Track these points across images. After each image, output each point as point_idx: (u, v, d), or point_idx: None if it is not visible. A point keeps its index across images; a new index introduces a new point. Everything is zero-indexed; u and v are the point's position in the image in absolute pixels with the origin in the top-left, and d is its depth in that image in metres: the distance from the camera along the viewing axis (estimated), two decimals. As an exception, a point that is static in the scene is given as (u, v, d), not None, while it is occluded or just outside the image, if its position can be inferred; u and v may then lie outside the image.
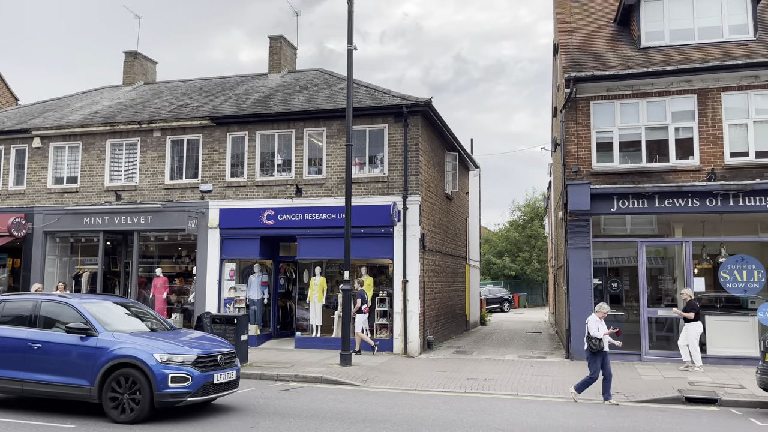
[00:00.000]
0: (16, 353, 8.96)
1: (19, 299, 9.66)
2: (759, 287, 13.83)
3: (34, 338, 8.97)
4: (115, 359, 8.50)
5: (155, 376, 8.33)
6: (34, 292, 13.32)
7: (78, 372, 8.62)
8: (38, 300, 9.45)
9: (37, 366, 8.81)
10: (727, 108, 14.15)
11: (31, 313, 9.24)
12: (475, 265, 27.30)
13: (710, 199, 13.92)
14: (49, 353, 8.81)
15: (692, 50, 14.86)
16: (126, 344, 8.62)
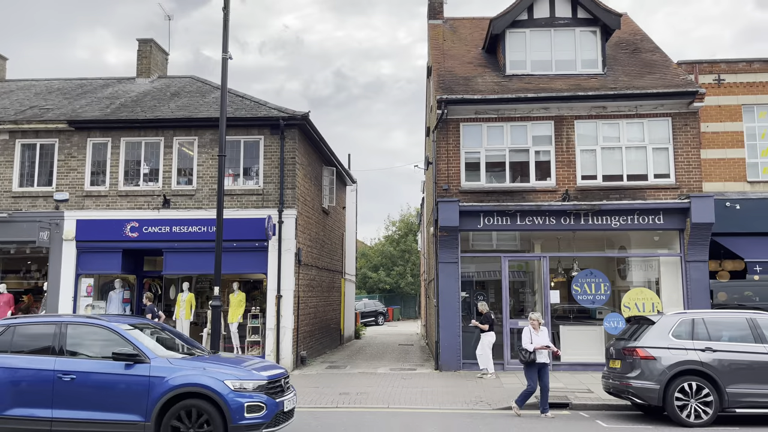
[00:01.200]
0: (40, 387, 7.46)
1: (36, 322, 8.16)
2: (605, 299, 15.20)
3: (65, 368, 7.49)
4: (176, 389, 7.28)
5: (229, 406, 7.23)
6: (56, 314, 10.67)
7: (127, 406, 7.29)
8: (62, 322, 7.94)
9: (71, 401, 7.36)
10: (580, 135, 15.49)
11: (54, 339, 7.74)
12: (350, 279, 27.49)
13: (565, 218, 15.12)
14: (86, 386, 7.40)
15: (550, 80, 16.13)
16: (188, 371, 7.42)
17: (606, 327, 15.01)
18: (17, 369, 7.60)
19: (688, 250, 14.79)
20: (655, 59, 16.89)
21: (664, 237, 15.44)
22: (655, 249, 15.71)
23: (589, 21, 16.38)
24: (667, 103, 15.09)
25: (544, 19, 16.53)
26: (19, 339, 7.86)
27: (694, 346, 9.72)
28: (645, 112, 15.27)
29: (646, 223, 14.98)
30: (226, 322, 15.82)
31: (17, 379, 7.54)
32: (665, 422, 9.69)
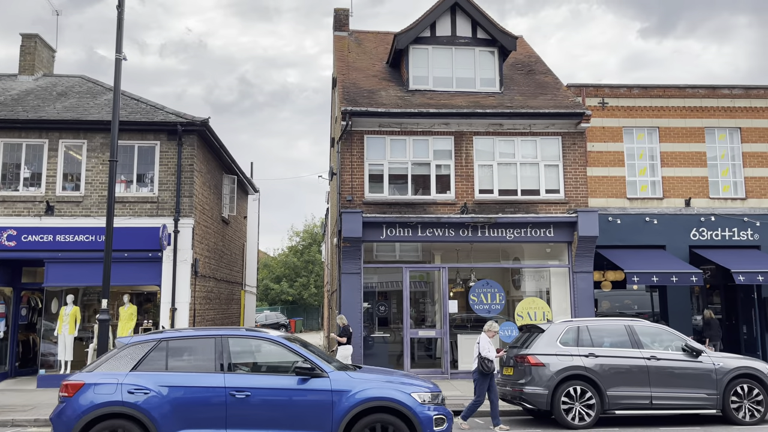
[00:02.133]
0: (212, 406, 6.91)
1: (191, 336, 7.52)
2: (500, 308, 15.81)
3: (237, 385, 7.00)
4: (364, 403, 6.95)
5: (420, 420, 7.01)
6: (213, 327, 9.21)
7: (309, 423, 6.91)
8: (221, 336, 7.39)
9: (247, 420, 6.87)
10: (478, 150, 16.09)
11: (216, 354, 7.21)
12: (251, 291, 26.84)
13: (463, 230, 15.61)
14: (262, 403, 6.91)
15: (451, 96, 16.67)
16: (371, 384, 7.13)
17: (501, 335, 15.60)
18: (183, 387, 7.04)
19: (576, 261, 15.73)
20: (548, 81, 17.91)
21: (555, 249, 16.32)
22: (546, 260, 16.56)
23: (487, 42, 17.11)
24: (557, 122, 16.02)
25: (445, 38, 17.08)
26: (174, 355, 7.29)
27: (578, 352, 10.32)
28: (538, 131, 16.12)
29: (538, 236, 15.77)
30: (115, 337, 14.90)
31: (185, 398, 7.00)
32: (553, 425, 10.19)
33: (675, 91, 17.84)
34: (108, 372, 7.18)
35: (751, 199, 17.41)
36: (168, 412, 6.92)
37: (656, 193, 17.50)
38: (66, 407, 7.00)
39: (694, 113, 17.71)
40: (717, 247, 17.10)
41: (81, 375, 7.27)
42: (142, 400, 6.94)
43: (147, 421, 6.88)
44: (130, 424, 6.94)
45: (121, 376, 7.11)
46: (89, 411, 6.92)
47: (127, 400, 6.94)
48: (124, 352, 7.36)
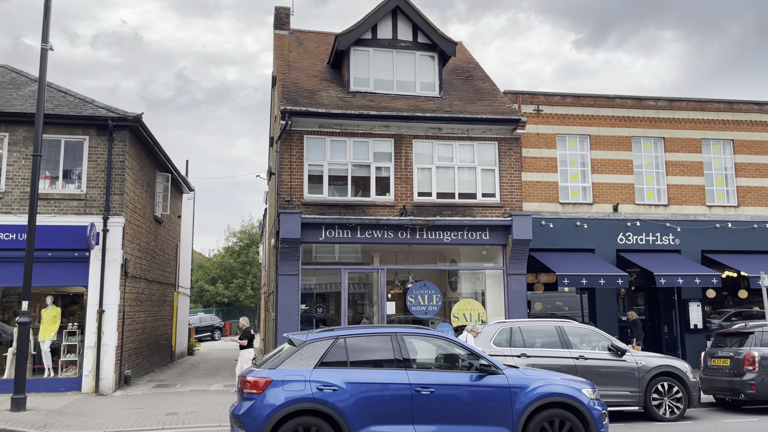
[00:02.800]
0: (399, 403, 7.02)
1: (367, 334, 7.66)
2: (437, 309, 16.02)
3: (421, 382, 7.13)
4: (540, 399, 7.23)
5: (592, 415, 7.33)
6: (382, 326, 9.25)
7: (491, 418, 7.10)
8: (396, 333, 7.56)
9: (431, 416, 7.00)
10: (417, 153, 16.25)
11: (394, 351, 7.34)
12: (185, 293, 26.11)
13: (402, 232, 15.72)
14: (445, 399, 7.07)
15: (392, 99, 16.77)
16: (544, 380, 7.43)
17: (437, 336, 15.77)
18: (368, 383, 7.10)
19: (510, 263, 16.12)
20: (486, 87, 18.31)
21: (490, 251, 16.68)
22: (482, 263, 16.90)
23: (428, 46, 17.31)
24: (494, 128, 16.39)
25: (387, 40, 17.18)
26: (353, 352, 7.39)
27: (511, 353, 10.58)
28: (475, 136, 16.44)
29: (475, 239, 16.07)
30: (37, 340, 14.18)
31: (371, 394, 7.08)
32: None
33: (605, 101, 18.60)
34: (293, 369, 7.19)
35: (673, 206, 18.36)
36: (356, 409, 7.01)
37: (587, 198, 18.19)
38: (256, 404, 6.96)
39: (622, 123, 18.52)
40: (641, 251, 17.94)
41: (265, 372, 7.22)
42: (332, 397, 7.00)
43: (338, 417, 6.95)
44: (320, 421, 6.99)
45: (306, 373, 7.14)
46: (282, 407, 6.94)
47: (317, 397, 6.99)
48: (305, 349, 7.37)
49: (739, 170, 18.79)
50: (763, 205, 18.67)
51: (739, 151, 18.85)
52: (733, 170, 18.84)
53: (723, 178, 18.85)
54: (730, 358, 12.64)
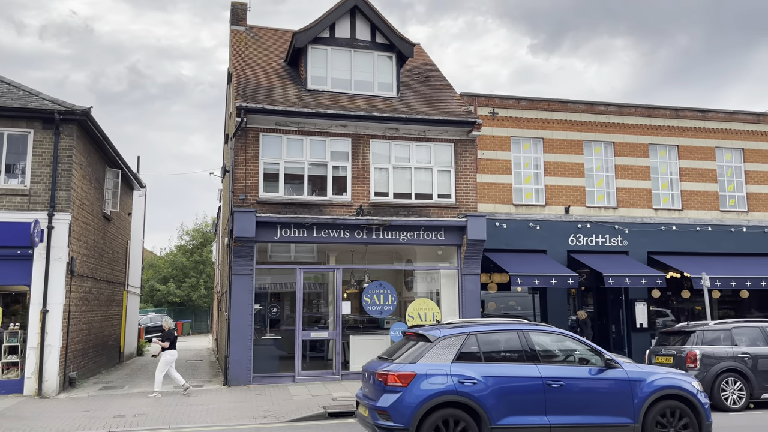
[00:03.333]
0: (532, 395, 7.55)
1: (497, 330, 8.08)
2: (392, 309, 16.07)
3: (551, 375, 7.69)
4: (659, 391, 7.89)
5: (702, 406, 8.03)
6: (506, 321, 8.91)
7: (614, 409, 7.72)
8: (522, 330, 8.10)
9: (561, 407, 7.57)
10: (374, 153, 16.27)
11: (522, 346, 7.91)
12: (135, 292, 25.42)
13: (358, 232, 15.71)
14: (573, 391, 7.65)
15: (349, 99, 16.74)
16: (660, 374, 8.12)
17: (392, 336, 15.85)
18: (503, 377, 7.56)
19: (464, 263, 16.31)
20: (442, 89, 18.47)
21: (446, 252, 16.84)
22: (437, 263, 17.04)
23: (386, 47, 17.35)
24: (451, 129, 16.55)
25: (345, 39, 17.13)
26: (486, 347, 7.83)
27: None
28: (432, 137, 16.57)
29: (430, 239, 16.20)
30: (-24, 342, 13.55)
31: (507, 387, 7.54)
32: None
33: (558, 105, 19.03)
34: (433, 363, 7.61)
35: (622, 209, 18.93)
36: (494, 400, 7.48)
37: (539, 200, 18.56)
38: (403, 396, 7.35)
39: (575, 127, 18.99)
40: (591, 252, 18.43)
41: (407, 366, 7.60)
42: (472, 390, 7.47)
43: (479, 408, 7.42)
44: (461, 412, 7.45)
45: (446, 367, 7.57)
46: (428, 400, 7.35)
47: (459, 389, 7.45)
48: (440, 344, 7.80)
49: (683, 175, 19.51)
50: (705, 208, 19.44)
51: (684, 157, 19.58)
52: (677, 175, 19.55)
53: (668, 182, 19.54)
54: (673, 356, 13.11)
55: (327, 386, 14.25)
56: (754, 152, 20.01)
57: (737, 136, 19.98)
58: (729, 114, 20.08)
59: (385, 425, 7.37)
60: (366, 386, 8.18)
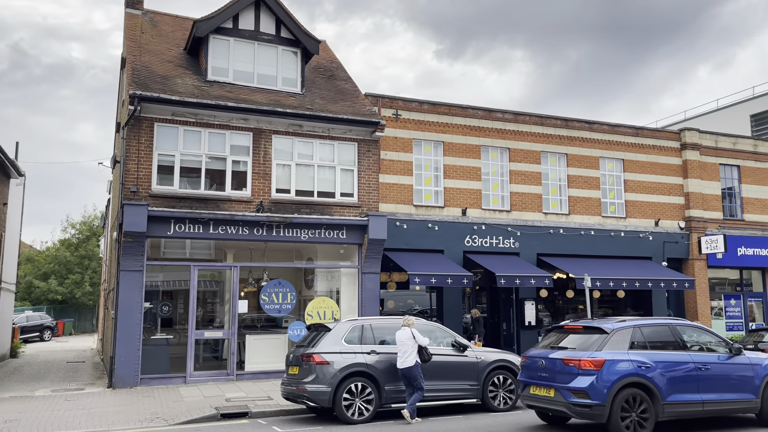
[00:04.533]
0: (689, 377, 9.25)
1: (653, 324, 9.81)
2: (291, 308, 15.89)
3: (699, 361, 9.45)
4: None
5: None
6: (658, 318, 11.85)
7: (741, 387, 9.59)
8: (670, 324, 9.92)
9: (708, 386, 9.33)
10: (277, 149, 16.00)
11: (674, 337, 9.66)
12: (9, 289, 23.42)
13: (258, 229, 15.38)
14: (715, 373, 9.42)
15: (252, 92, 16.34)
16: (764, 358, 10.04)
17: (290, 335, 15.67)
18: (667, 362, 9.22)
19: (365, 262, 16.43)
20: (348, 88, 18.50)
21: (347, 250, 16.88)
22: (338, 261, 17.05)
23: (291, 42, 17.12)
24: (355, 129, 16.61)
25: (248, 32, 16.72)
26: (648, 337, 9.50)
27: (361, 350, 10.78)
28: (336, 135, 16.55)
29: (332, 237, 16.17)
30: None
31: (671, 370, 9.20)
32: (334, 422, 10.49)
33: (458, 110, 19.63)
34: (614, 351, 9.13)
35: (515, 212, 19.84)
36: (663, 381, 9.08)
37: (438, 202, 19.06)
38: (599, 378, 8.86)
39: (473, 132, 19.67)
40: (486, 252, 19.17)
41: (595, 353, 9.09)
42: (647, 372, 9.07)
43: (654, 388, 9.04)
44: (640, 392, 9.01)
45: (624, 354, 9.12)
46: (618, 381, 8.89)
47: (638, 372, 9.03)
48: (616, 335, 9.34)
49: (570, 182, 20.77)
50: (589, 214, 20.81)
51: (572, 165, 20.84)
52: (566, 181, 20.77)
53: (558, 188, 20.72)
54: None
55: (221, 387, 13.84)
56: (633, 163, 21.67)
57: (618, 148, 21.54)
58: (612, 126, 21.61)
59: (583, 402, 8.85)
60: (539, 371, 9.61)
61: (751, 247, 22.29)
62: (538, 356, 9.73)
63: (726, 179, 22.91)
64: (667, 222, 21.72)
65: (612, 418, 8.76)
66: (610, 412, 8.76)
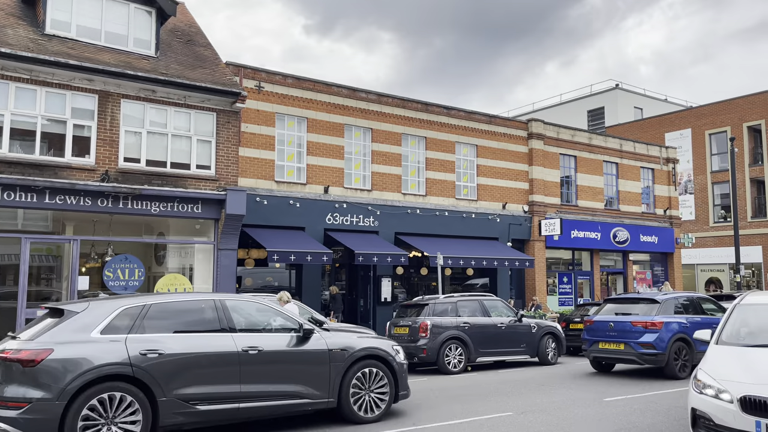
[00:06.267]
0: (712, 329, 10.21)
1: (681, 295, 13.80)
2: (138, 284, 14.97)
3: (713, 320, 12.83)
4: None
5: None
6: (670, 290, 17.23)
7: None
8: (695, 296, 14.00)
9: None
10: (126, 115, 14.87)
11: (695, 304, 13.64)
12: None
13: (102, 200, 14.25)
14: None
15: (98, 51, 14.99)
16: None
17: (137, 313, 14.77)
18: (695, 322, 12.84)
19: (221, 238, 15.90)
20: (207, 55, 17.61)
21: (203, 225, 16.21)
22: (192, 236, 16.33)
23: (145, 0, 15.91)
24: (214, 98, 15.89)
25: (96, -16, 15.26)
26: (683, 304, 13.35)
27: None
28: (193, 104, 15.72)
29: (186, 211, 15.42)
30: None
31: (698, 328, 12.12)
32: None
33: (323, 87, 19.53)
34: (665, 316, 12.71)
35: (375, 191, 20.27)
36: None
37: (301, 178, 18.92)
38: (660, 335, 12.42)
39: (338, 110, 19.70)
40: (346, 230, 19.42)
41: (656, 317, 12.59)
42: (688, 330, 12.58)
43: (691, 342, 12.45)
44: (684, 344, 12.60)
45: (672, 318, 12.78)
46: (673, 335, 12.52)
47: (683, 330, 12.67)
48: (665, 304, 12.93)
49: (428, 164, 21.60)
50: (444, 195, 21.82)
51: (430, 148, 21.67)
52: (424, 164, 21.58)
53: (416, 170, 21.46)
54: (408, 327, 14.52)
55: None
56: (485, 149, 23.01)
57: (473, 134, 22.75)
58: (468, 113, 22.74)
59: (650, 352, 12.34)
60: (607, 332, 12.98)
61: (582, 230, 24.74)
62: (605, 320, 13.14)
63: (564, 168, 25.13)
64: (513, 205, 23.40)
65: (668, 363, 12.37)
66: (667, 358, 12.31)
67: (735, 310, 7.41)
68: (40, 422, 6.34)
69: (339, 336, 8.42)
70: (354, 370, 8.29)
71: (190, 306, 7.67)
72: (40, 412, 6.35)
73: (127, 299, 7.45)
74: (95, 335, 6.90)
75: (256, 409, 7.55)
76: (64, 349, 6.63)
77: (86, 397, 6.58)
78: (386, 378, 8.59)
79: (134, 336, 7.06)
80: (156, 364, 6.97)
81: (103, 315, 7.08)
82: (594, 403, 9.79)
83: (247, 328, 7.75)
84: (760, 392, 5.83)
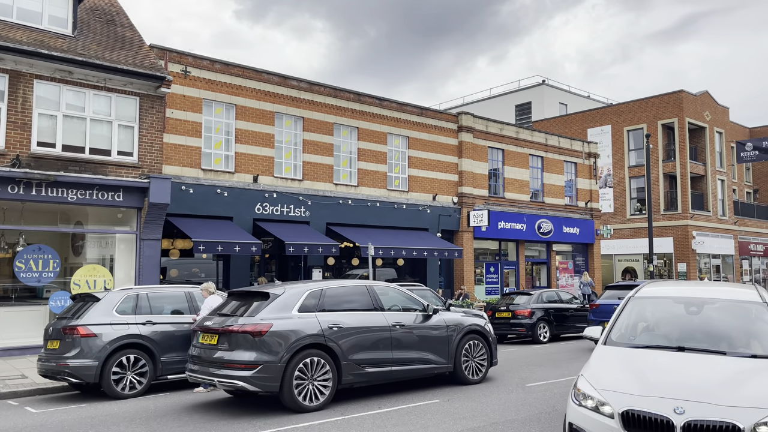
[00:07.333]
0: None
1: None
2: (53, 276, 14.22)
3: None
4: None
5: None
6: None
7: None
8: None
9: None
10: (39, 96, 14.02)
11: None
12: None
13: (13, 186, 13.41)
14: None
15: (9, 28, 14.04)
16: None
17: (51, 306, 14.07)
18: None
19: (144, 228, 15.32)
20: (129, 36, 16.84)
21: (125, 214, 15.55)
22: (113, 226, 15.64)
23: (62, -25, 15.01)
24: (136, 82, 15.22)
25: (6, -45, 14.26)
26: None
27: (136, 321, 10.08)
28: (114, 87, 15.01)
29: (106, 200, 14.74)
30: None
31: None
32: (102, 398, 9.71)
33: (253, 74, 19.11)
34: None
35: (307, 181, 20.07)
36: None
37: (229, 167, 18.47)
38: None
39: (268, 98, 19.33)
40: (277, 221, 19.15)
41: None
42: None
43: None
44: None
45: None
46: None
47: None
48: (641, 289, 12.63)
49: (360, 155, 21.59)
50: (376, 186, 21.89)
51: (362, 138, 21.65)
52: (356, 154, 21.54)
53: (348, 160, 21.40)
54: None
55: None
56: (417, 141, 23.23)
57: (405, 125, 22.90)
58: (400, 105, 22.86)
59: None
60: (611, 313, 11.42)
61: (509, 221, 25.47)
62: (609, 303, 14.08)
63: (493, 161, 25.76)
64: (443, 197, 23.78)
65: None
66: None
67: (629, 304, 6.41)
68: (269, 380, 7.92)
69: (451, 315, 10.20)
70: (463, 342, 10.04)
71: (350, 290, 9.34)
72: (269, 371, 7.90)
73: (309, 284, 9.17)
74: (295, 312, 8.48)
75: (402, 372, 9.28)
76: (280, 323, 8.18)
77: (298, 360, 8.14)
78: (484, 348, 10.41)
79: (320, 314, 8.67)
80: (339, 335, 8.59)
81: (297, 296, 8.68)
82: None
83: (390, 308, 9.50)
84: (647, 406, 4.74)
